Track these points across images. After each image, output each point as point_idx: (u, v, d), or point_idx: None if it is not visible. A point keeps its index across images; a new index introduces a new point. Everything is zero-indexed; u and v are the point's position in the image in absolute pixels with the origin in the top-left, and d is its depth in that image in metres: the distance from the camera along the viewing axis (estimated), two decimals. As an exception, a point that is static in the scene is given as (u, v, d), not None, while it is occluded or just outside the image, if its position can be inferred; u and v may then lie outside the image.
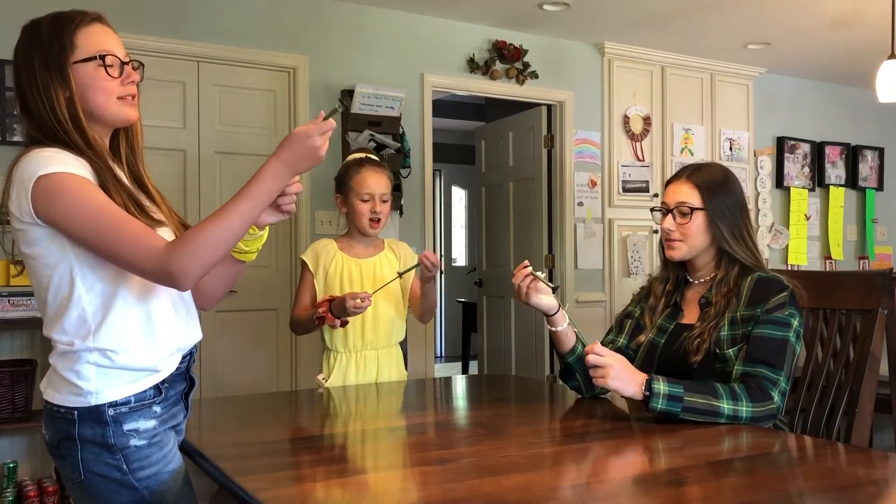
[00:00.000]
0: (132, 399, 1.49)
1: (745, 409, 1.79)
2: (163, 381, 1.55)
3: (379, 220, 2.53)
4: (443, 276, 9.07)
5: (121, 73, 1.51)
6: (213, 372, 3.85)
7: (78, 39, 1.48)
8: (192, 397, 1.69)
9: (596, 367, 1.82)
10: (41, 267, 1.47)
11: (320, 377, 2.57)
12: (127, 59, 1.53)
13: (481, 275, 5.83)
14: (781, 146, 5.84)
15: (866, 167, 6.26)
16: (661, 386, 1.78)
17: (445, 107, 6.67)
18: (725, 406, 1.78)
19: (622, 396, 1.87)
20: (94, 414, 1.46)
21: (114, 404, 1.47)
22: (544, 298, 2.06)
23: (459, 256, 9.50)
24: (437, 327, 8.54)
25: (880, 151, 6.33)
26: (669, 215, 2.04)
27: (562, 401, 2.29)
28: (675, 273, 2.12)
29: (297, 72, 4.08)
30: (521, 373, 5.17)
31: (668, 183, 2.11)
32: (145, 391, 1.51)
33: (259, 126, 4.04)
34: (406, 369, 2.72)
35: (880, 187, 6.33)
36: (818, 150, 6.03)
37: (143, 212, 1.48)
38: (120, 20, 3.71)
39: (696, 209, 2.00)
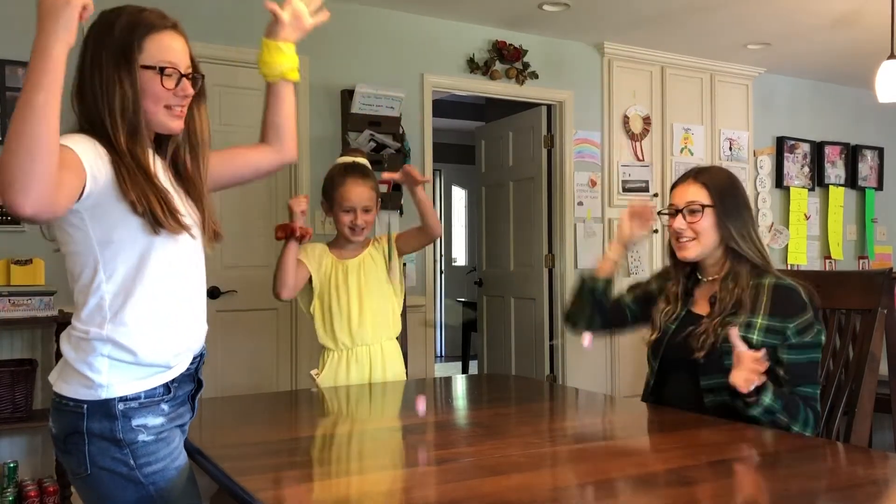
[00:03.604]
0: (142, 395, 1.50)
1: (808, 433, 1.87)
2: (172, 380, 1.56)
3: (362, 229, 2.58)
4: (443, 275, 9.07)
5: (177, 85, 1.54)
6: (213, 372, 3.84)
7: (146, 43, 1.51)
8: (199, 399, 1.70)
9: (755, 360, 1.78)
10: (71, 255, 1.50)
11: (314, 373, 2.60)
12: (188, 72, 1.56)
13: (481, 275, 5.83)
14: (781, 146, 5.84)
15: (866, 167, 6.26)
16: (767, 399, 1.81)
17: (445, 107, 6.66)
18: (795, 429, 1.85)
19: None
20: (104, 408, 1.47)
21: (124, 399, 1.48)
22: (621, 253, 2.29)
23: (459, 256, 9.50)
24: (437, 327, 8.54)
25: (880, 151, 6.33)
26: (679, 215, 2.06)
27: (562, 401, 2.30)
28: (685, 271, 2.14)
29: (297, 72, 4.08)
30: (521, 373, 5.17)
31: (674, 186, 2.16)
32: (155, 388, 1.52)
33: (259, 126, 4.03)
34: (406, 370, 2.73)
35: (880, 187, 6.33)
36: (818, 149, 6.03)
37: (170, 212, 1.49)
38: (120, 20, 3.64)
39: (707, 206, 2.04)
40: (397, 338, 2.70)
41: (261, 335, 4.00)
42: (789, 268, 5.72)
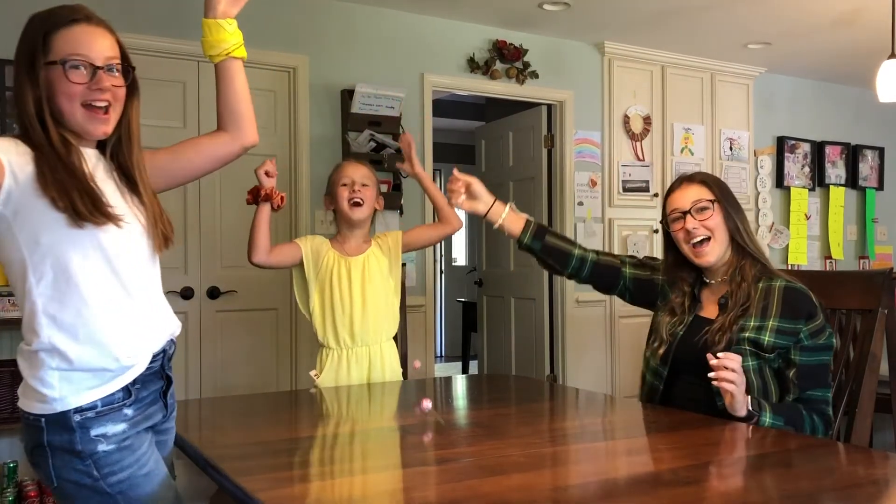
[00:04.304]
0: (98, 403, 1.47)
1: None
2: (133, 383, 1.51)
3: (360, 202, 2.57)
4: (443, 275, 9.07)
5: (91, 78, 1.47)
6: (213, 372, 3.85)
7: (54, 40, 1.46)
8: (174, 395, 1.66)
9: (731, 371, 1.78)
10: (6, 265, 1.47)
11: (313, 373, 2.59)
12: (103, 64, 1.49)
13: (481, 275, 5.83)
14: (781, 146, 5.83)
15: (866, 167, 6.26)
16: (768, 419, 1.84)
17: (445, 107, 6.67)
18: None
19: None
20: (61, 420, 1.45)
21: (79, 410, 1.45)
22: (478, 204, 2.30)
23: (459, 256, 9.50)
24: (437, 327, 8.54)
25: (880, 151, 6.33)
26: (688, 216, 2.04)
27: (562, 401, 2.30)
28: (689, 280, 2.13)
29: (297, 72, 4.08)
30: (521, 373, 5.17)
31: (669, 192, 2.13)
32: (113, 394, 1.49)
33: (259, 126, 3.96)
34: (406, 370, 2.73)
35: (880, 187, 6.33)
36: (818, 149, 6.03)
37: (95, 205, 1.45)
38: (120, 20, 3.69)
39: (714, 201, 2.03)
40: (394, 338, 2.70)
41: (261, 335, 4.00)
42: (789, 268, 5.72)
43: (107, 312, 1.49)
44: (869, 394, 2.05)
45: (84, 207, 1.43)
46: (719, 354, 1.79)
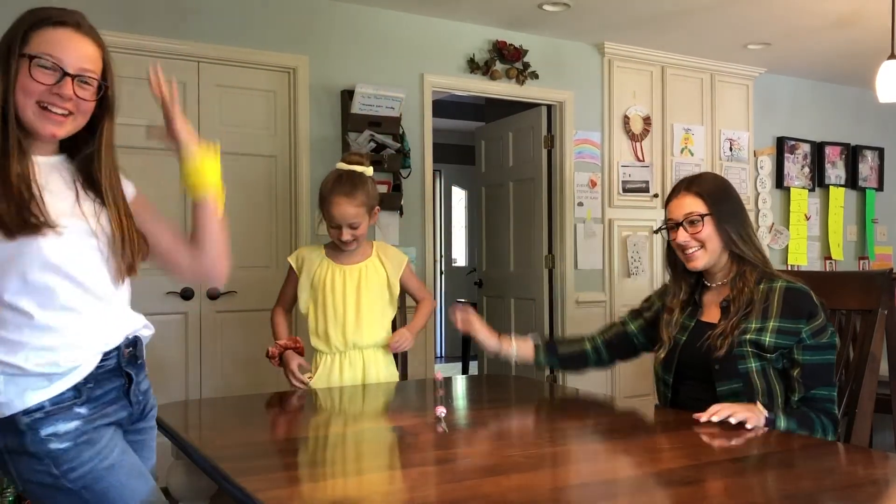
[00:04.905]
0: (46, 404, 1.45)
1: (830, 439, 1.92)
2: (84, 382, 1.50)
3: (352, 241, 2.55)
4: (443, 276, 9.08)
5: (57, 82, 1.44)
6: (213, 372, 3.85)
7: (34, 35, 1.45)
8: (145, 393, 1.64)
9: (728, 413, 1.81)
10: None
11: (307, 376, 2.59)
12: (74, 73, 1.46)
13: (481, 275, 5.83)
14: (781, 146, 5.84)
15: (866, 167, 6.26)
16: (782, 423, 1.86)
17: (445, 107, 6.66)
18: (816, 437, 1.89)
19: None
20: (10, 424, 1.44)
21: (27, 412, 1.44)
22: (490, 342, 2.33)
23: (459, 257, 9.50)
24: (437, 327, 8.54)
25: (880, 151, 6.33)
26: (681, 229, 2.06)
27: (562, 401, 2.30)
28: (689, 281, 2.14)
29: (297, 72, 4.08)
30: (521, 373, 5.16)
31: (668, 200, 2.15)
32: (62, 394, 1.47)
33: (259, 126, 4.04)
34: (406, 370, 2.72)
35: (880, 187, 6.33)
36: (818, 150, 6.03)
37: (20, 210, 1.41)
38: (120, 20, 3.68)
39: (705, 215, 2.04)
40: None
41: (260, 335, 3.99)
42: (789, 268, 5.72)
43: (49, 322, 1.46)
44: (869, 394, 2.05)
45: (8, 216, 1.40)
46: (703, 417, 1.81)
